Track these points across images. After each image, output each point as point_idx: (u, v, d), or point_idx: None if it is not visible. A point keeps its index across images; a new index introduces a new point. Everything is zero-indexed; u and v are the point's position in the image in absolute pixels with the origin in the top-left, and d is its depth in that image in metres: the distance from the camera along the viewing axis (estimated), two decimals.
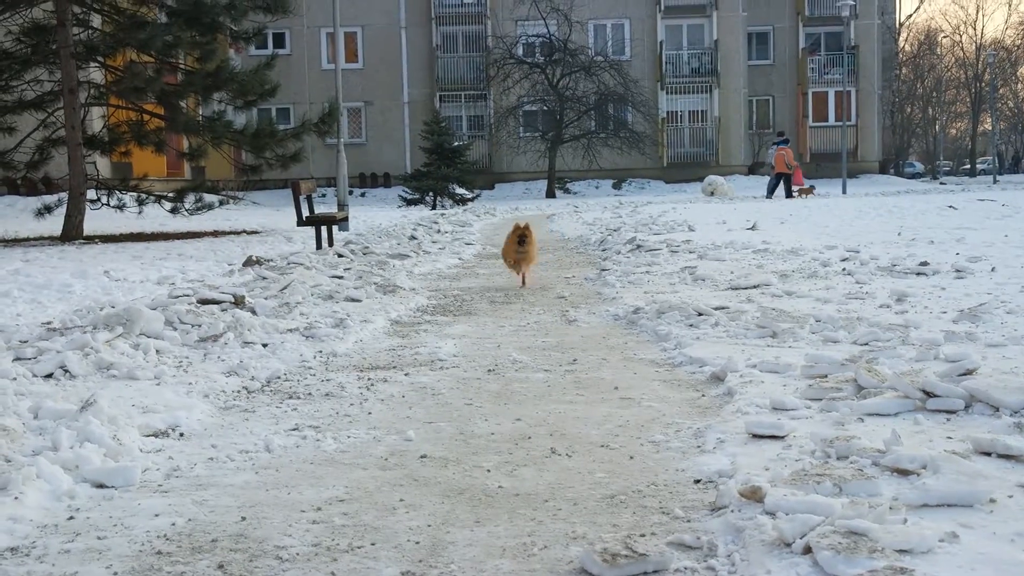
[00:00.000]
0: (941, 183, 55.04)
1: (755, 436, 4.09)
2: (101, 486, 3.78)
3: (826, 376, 5.06)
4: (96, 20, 19.68)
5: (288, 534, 3.25)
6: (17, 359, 5.75)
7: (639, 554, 2.86)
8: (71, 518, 3.46)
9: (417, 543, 3.14)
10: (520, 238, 9.87)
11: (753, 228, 16.46)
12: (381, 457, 4.15)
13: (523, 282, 10.22)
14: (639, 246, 13.56)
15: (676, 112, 48.06)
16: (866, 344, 6.01)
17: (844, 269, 10.06)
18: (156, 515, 3.46)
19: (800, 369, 5.28)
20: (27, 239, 18.05)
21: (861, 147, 50.58)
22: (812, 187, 35.62)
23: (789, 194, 33.42)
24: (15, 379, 5.27)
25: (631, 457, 4.05)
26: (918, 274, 9.41)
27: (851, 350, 5.80)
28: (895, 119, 56.98)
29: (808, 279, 9.52)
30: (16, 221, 22.67)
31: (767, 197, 33.54)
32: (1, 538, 3.22)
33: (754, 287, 8.95)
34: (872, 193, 36.70)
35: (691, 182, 44.74)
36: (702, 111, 48.11)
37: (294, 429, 4.63)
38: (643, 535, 3.09)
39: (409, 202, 35.93)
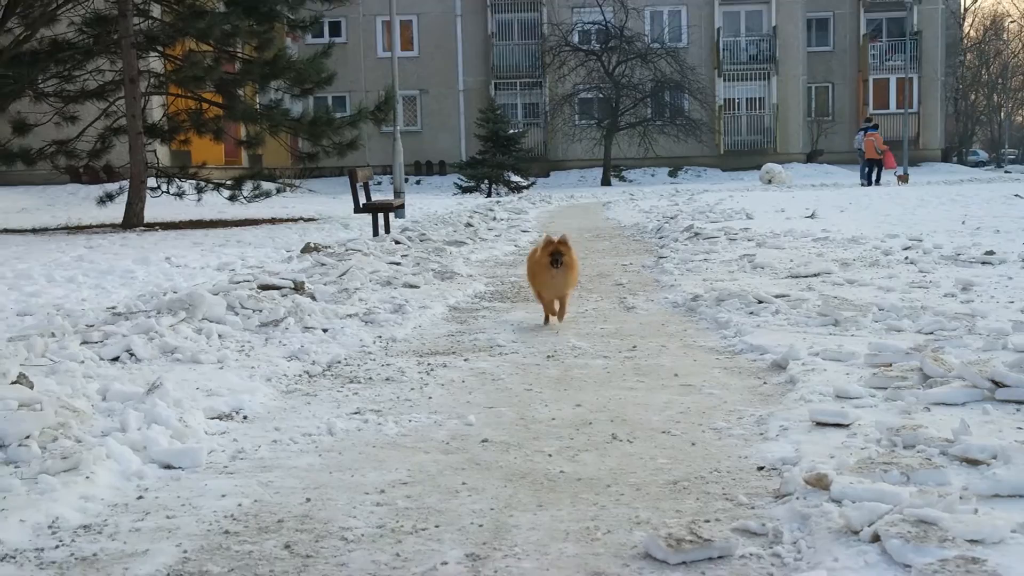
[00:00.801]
0: (1006, 171, 54.03)
1: (819, 424, 4.05)
2: (168, 467, 3.84)
3: (891, 365, 4.99)
4: (156, 10, 19.93)
5: (353, 516, 3.28)
6: (84, 343, 5.85)
7: (704, 539, 2.85)
8: (140, 497, 3.52)
9: (481, 526, 3.15)
10: (554, 257, 6.79)
11: (812, 216, 16.27)
12: (443, 441, 4.17)
13: (556, 317, 7.11)
14: (696, 234, 13.47)
15: (733, 99, 47.61)
16: (931, 333, 5.93)
17: (907, 258, 9.92)
18: (223, 496, 3.51)
19: (864, 357, 5.22)
20: (90, 226, 18.36)
21: (923, 135, 49.77)
22: (906, 173, 35.29)
23: (877, 180, 33.15)
24: (83, 362, 5.37)
25: (693, 443, 4.03)
26: (984, 263, 9.25)
27: (916, 339, 5.72)
28: (958, 106, 55.99)
29: (870, 268, 9.40)
30: (79, 209, 23.08)
31: (864, 184, 33.14)
32: (74, 516, 3.29)
33: (814, 275, 8.86)
34: (934, 181, 36.13)
35: (748, 170, 44.32)
36: (760, 98, 47.60)
37: (356, 413, 4.66)
38: (707, 521, 3.08)
39: (464, 190, 36.00)
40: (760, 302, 7.18)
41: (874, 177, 33.48)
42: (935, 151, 50.97)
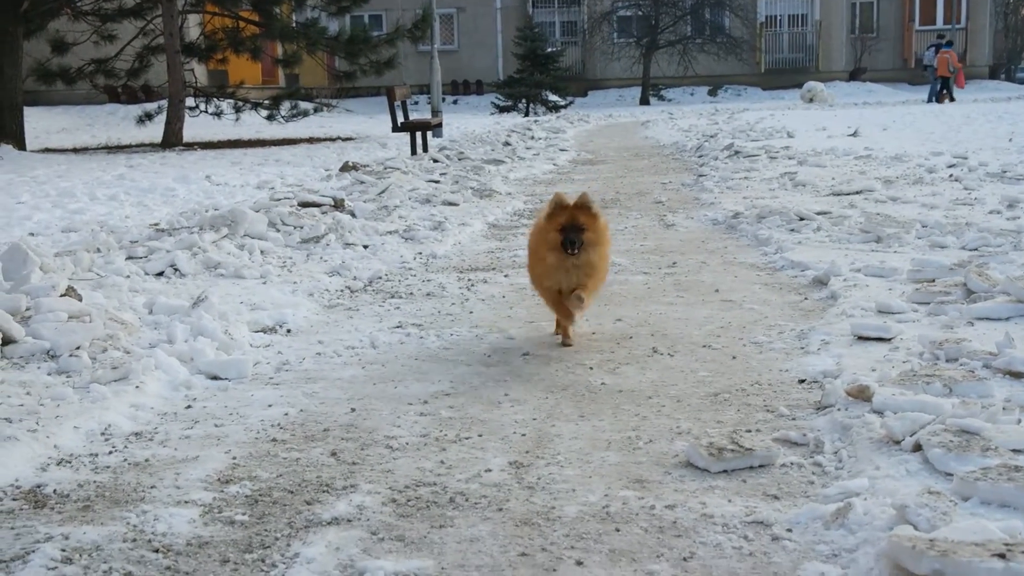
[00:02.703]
0: None
1: (861, 338, 4.05)
2: (215, 378, 3.91)
3: (933, 280, 4.96)
4: None
5: (397, 425, 3.33)
6: (129, 258, 5.92)
7: (745, 449, 2.87)
8: (189, 407, 3.60)
9: (523, 435, 3.19)
10: (568, 237, 4.08)
11: (855, 135, 16.03)
12: (484, 354, 4.21)
13: (565, 332, 4.36)
14: (737, 152, 13.33)
15: (775, 16, 46.58)
16: (975, 249, 5.87)
17: (951, 175, 9.77)
18: (269, 405, 3.57)
19: (906, 273, 5.19)
20: (129, 146, 18.44)
21: (970, 51, 48.50)
22: (949, 91, 34.75)
23: (941, 98, 32.69)
24: (129, 276, 5.44)
25: (734, 357, 4.04)
26: None
27: (959, 255, 5.68)
28: (1008, 21, 54.43)
29: (913, 185, 9.28)
30: (118, 129, 23.16)
31: (927, 101, 32.72)
32: (125, 423, 3.37)
33: (857, 193, 8.76)
34: (981, 99, 35.40)
35: (789, 89, 43.53)
36: (802, 15, 46.55)
37: (398, 327, 4.71)
38: (748, 431, 3.10)
39: (502, 109, 35.70)
40: (801, 219, 7.13)
41: (943, 94, 32.94)
42: (982, 68, 49.74)
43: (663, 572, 2.26)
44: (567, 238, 4.04)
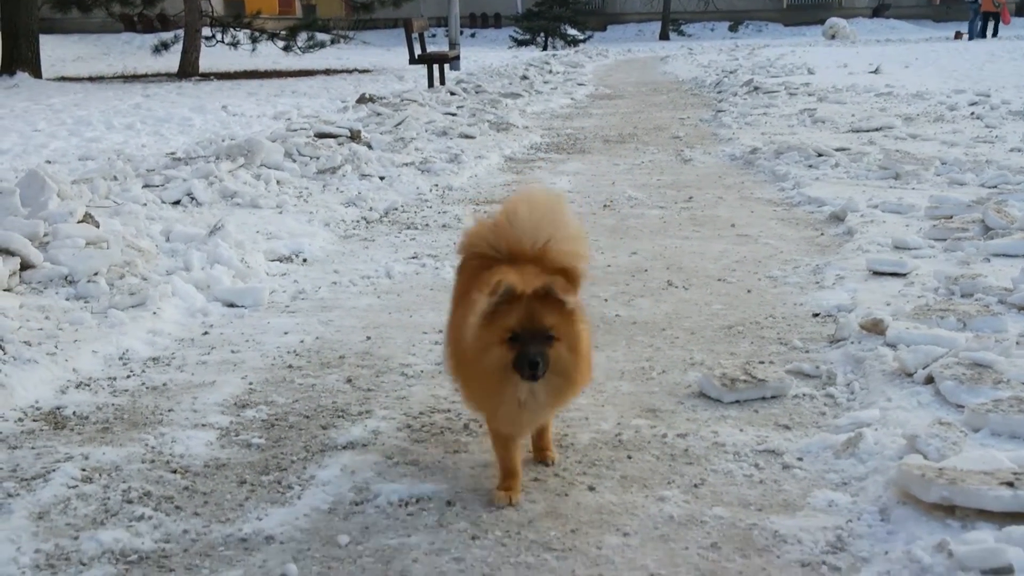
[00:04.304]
0: None
1: (876, 273, 4.05)
2: (232, 305, 3.94)
3: (951, 217, 4.94)
4: None
5: (412, 353, 3.35)
6: (146, 186, 5.93)
7: (758, 379, 2.89)
8: (206, 333, 3.63)
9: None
10: (526, 346, 2.17)
11: (876, 71, 15.83)
12: None
13: (508, 484, 2.34)
14: (756, 88, 13.19)
15: None
16: (995, 186, 5.84)
17: (973, 113, 9.67)
18: (285, 333, 3.60)
19: (924, 210, 5.17)
20: (145, 75, 18.38)
21: None
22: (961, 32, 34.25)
23: (995, 33, 32.23)
24: (145, 204, 5.45)
25: (748, 291, 4.04)
26: None
27: (978, 192, 5.64)
28: None
29: (934, 123, 9.18)
30: (134, 58, 23.05)
31: (971, 38, 32.24)
32: (143, 348, 3.41)
33: (876, 130, 8.68)
34: (1006, 36, 34.87)
35: (811, 25, 42.95)
36: None
37: (413, 257, 4.72)
38: (761, 363, 3.11)
39: (520, 43, 35.37)
40: (820, 155, 7.08)
41: (989, 31, 32.44)
42: (1009, 5, 48.92)
43: (674, 498, 2.29)
44: (524, 355, 2.18)
